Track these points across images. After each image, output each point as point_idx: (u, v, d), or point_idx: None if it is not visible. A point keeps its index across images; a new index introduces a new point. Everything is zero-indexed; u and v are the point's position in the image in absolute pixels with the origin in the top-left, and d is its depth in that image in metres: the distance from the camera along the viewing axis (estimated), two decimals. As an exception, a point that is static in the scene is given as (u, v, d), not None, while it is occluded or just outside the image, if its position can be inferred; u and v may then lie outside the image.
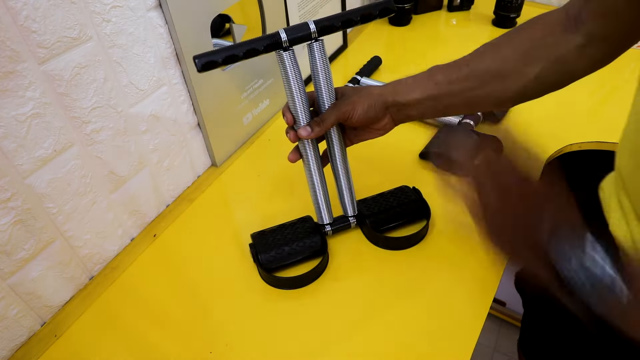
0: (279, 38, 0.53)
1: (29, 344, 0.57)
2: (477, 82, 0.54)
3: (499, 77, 0.53)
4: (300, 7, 0.88)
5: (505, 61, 0.53)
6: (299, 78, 0.55)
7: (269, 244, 0.62)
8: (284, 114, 0.57)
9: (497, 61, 0.53)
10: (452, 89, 0.55)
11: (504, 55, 0.53)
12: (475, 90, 0.54)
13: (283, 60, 0.54)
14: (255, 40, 0.53)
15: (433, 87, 0.55)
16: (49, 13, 0.48)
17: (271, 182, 0.77)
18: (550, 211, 0.38)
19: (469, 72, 0.54)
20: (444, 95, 0.55)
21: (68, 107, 0.53)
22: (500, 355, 1.39)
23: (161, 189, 0.72)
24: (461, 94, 0.55)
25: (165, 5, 0.61)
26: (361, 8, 0.56)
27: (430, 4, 1.24)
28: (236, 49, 0.52)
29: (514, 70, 0.53)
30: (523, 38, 0.53)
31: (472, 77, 0.54)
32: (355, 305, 0.58)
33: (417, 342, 0.54)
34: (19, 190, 0.51)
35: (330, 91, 0.57)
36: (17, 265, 0.53)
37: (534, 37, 0.53)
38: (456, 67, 0.55)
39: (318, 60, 0.55)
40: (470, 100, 0.55)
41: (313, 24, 0.54)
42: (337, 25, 0.55)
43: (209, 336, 0.56)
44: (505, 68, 0.53)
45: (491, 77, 0.54)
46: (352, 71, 0.99)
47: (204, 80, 0.71)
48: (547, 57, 0.52)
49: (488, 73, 0.54)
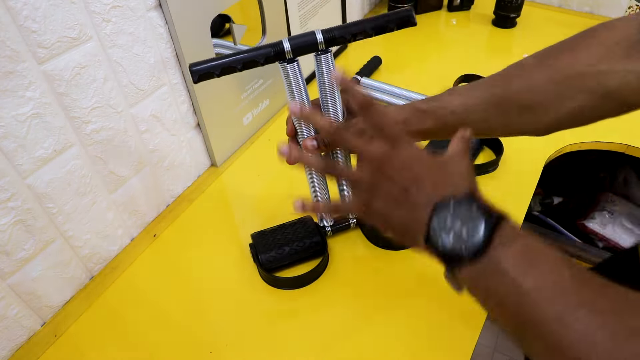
0: (282, 48, 0.49)
1: (29, 344, 0.57)
2: (496, 112, 0.46)
3: (525, 109, 0.45)
4: (300, 7, 0.88)
5: (534, 91, 0.44)
6: (304, 89, 0.52)
7: (269, 244, 0.62)
8: (287, 123, 0.55)
9: (525, 91, 0.44)
10: (469, 118, 0.47)
11: (535, 84, 0.44)
12: (494, 120, 0.47)
13: (287, 72, 0.50)
14: (255, 49, 0.49)
15: (449, 116, 0.48)
16: (49, 13, 0.48)
17: (271, 182, 0.77)
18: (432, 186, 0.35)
19: (490, 102, 0.46)
20: (459, 124, 0.45)
21: (68, 107, 0.53)
22: (500, 355, 1.39)
23: (161, 189, 0.72)
24: (478, 124, 0.47)
25: (165, 5, 0.61)
26: (375, 19, 0.50)
27: (430, 4, 1.24)
28: (234, 60, 0.49)
29: (544, 103, 0.44)
30: (564, 62, 0.43)
31: (492, 107, 0.46)
32: (356, 305, 0.58)
33: (417, 341, 0.54)
34: (19, 190, 0.51)
35: (338, 107, 0.53)
36: (17, 265, 0.53)
37: (579, 61, 0.42)
38: (477, 92, 0.48)
39: (325, 74, 0.51)
40: (490, 129, 0.49)
41: (320, 33, 0.49)
42: (348, 38, 0.50)
43: (209, 336, 0.56)
44: (533, 99, 0.44)
45: (516, 109, 0.45)
46: (352, 71, 0.99)
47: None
48: (594, 90, 0.41)
49: (512, 104, 0.45)
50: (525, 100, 0.45)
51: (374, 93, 0.91)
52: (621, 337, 0.27)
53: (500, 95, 0.46)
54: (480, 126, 0.47)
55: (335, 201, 0.49)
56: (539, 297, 0.29)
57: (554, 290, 0.29)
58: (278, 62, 0.50)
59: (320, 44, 0.50)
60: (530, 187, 0.69)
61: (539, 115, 0.45)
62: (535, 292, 0.29)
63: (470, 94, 0.48)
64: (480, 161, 0.78)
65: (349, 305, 0.58)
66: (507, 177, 0.74)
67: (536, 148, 0.77)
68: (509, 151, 0.76)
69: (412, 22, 0.51)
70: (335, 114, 0.54)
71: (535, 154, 0.74)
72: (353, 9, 1.15)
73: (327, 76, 0.51)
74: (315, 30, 0.49)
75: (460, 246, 0.32)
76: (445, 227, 0.33)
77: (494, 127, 0.48)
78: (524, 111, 0.45)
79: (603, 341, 0.27)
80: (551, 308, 0.28)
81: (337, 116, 0.54)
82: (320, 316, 0.58)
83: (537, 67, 0.45)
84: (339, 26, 0.50)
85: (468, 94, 0.48)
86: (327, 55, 0.50)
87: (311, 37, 0.49)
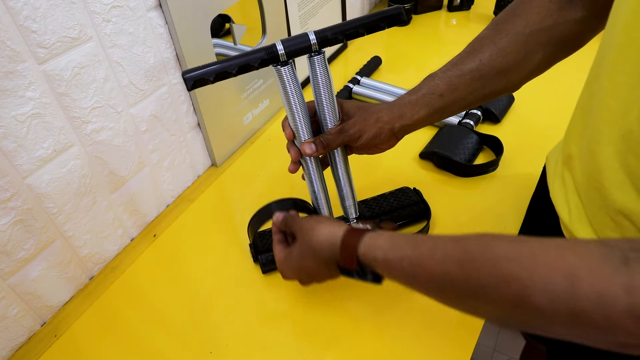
0: (275, 51, 0.49)
1: (29, 344, 0.57)
2: (480, 83, 0.53)
3: (502, 72, 0.52)
4: (300, 7, 0.88)
5: (505, 55, 0.51)
6: (299, 92, 0.52)
7: (269, 244, 0.62)
8: (284, 128, 0.55)
9: (498, 57, 0.52)
10: (457, 96, 0.53)
11: (503, 49, 0.51)
12: (479, 91, 0.53)
13: (281, 75, 0.50)
14: (249, 53, 0.49)
15: (438, 100, 0.53)
16: (49, 13, 0.48)
17: (271, 182, 0.77)
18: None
19: (471, 76, 0.52)
20: (449, 104, 0.53)
21: (68, 107, 0.53)
22: (500, 355, 1.39)
23: (161, 189, 0.72)
24: (466, 98, 0.54)
25: (165, 6, 0.61)
26: (366, 18, 0.51)
27: (430, 4, 1.24)
28: (228, 65, 0.49)
29: (516, 62, 0.51)
30: (518, 26, 0.51)
31: (474, 80, 0.53)
32: (356, 305, 0.58)
33: (417, 341, 0.54)
34: (19, 190, 0.51)
35: (333, 107, 0.54)
36: (17, 265, 0.53)
37: (529, 22, 0.50)
38: (456, 71, 0.54)
39: (319, 75, 0.51)
40: (476, 100, 0.55)
41: (313, 34, 0.49)
42: (340, 38, 0.50)
43: (209, 336, 0.56)
44: (507, 62, 0.51)
45: (495, 75, 0.52)
46: (352, 71, 0.99)
47: (204, 80, 0.70)
48: (548, 41, 0.50)
49: (491, 71, 0.52)
50: (499, 64, 0.52)
51: (374, 93, 0.91)
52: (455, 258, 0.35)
53: (478, 67, 0.52)
54: (466, 100, 0.54)
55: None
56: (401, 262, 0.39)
57: (400, 251, 0.39)
58: (272, 65, 0.50)
59: (313, 45, 0.50)
60: (530, 187, 0.69)
61: (512, 74, 0.52)
62: (400, 260, 0.40)
63: (450, 74, 0.53)
64: (480, 161, 0.78)
65: (349, 305, 0.58)
66: (507, 177, 0.74)
67: (536, 148, 0.77)
68: (509, 151, 0.76)
69: (402, 20, 0.52)
70: (330, 116, 0.54)
71: (535, 154, 0.74)
72: (353, 9, 1.15)
73: (321, 77, 0.52)
74: (308, 32, 0.50)
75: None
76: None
77: (478, 97, 0.54)
78: (500, 75, 0.52)
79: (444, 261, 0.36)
80: (406, 262, 0.39)
81: (332, 118, 0.54)
82: (320, 316, 0.58)
83: (498, 35, 0.52)
84: (331, 26, 0.50)
85: (448, 76, 0.53)
86: (320, 56, 0.51)
87: (304, 38, 0.49)
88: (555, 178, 0.56)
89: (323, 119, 0.55)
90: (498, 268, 0.32)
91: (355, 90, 0.92)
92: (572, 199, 0.51)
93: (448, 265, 0.35)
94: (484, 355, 1.40)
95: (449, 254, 0.36)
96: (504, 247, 0.33)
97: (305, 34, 0.49)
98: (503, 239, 0.34)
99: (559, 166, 0.55)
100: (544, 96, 0.88)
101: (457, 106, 0.55)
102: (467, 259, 0.34)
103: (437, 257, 0.36)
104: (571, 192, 0.51)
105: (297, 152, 0.56)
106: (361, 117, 0.55)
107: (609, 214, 0.43)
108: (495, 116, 0.83)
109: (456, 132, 0.78)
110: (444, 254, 0.36)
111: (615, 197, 0.42)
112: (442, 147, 0.75)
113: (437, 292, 0.38)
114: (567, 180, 0.52)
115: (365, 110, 0.55)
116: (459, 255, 0.35)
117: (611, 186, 0.42)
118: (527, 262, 0.31)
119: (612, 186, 0.42)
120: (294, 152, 0.56)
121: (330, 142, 0.54)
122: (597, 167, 0.43)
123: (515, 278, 0.31)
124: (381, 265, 0.41)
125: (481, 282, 0.33)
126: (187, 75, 0.49)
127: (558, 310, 0.29)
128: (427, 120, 0.55)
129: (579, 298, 0.28)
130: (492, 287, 0.32)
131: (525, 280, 0.30)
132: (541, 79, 0.56)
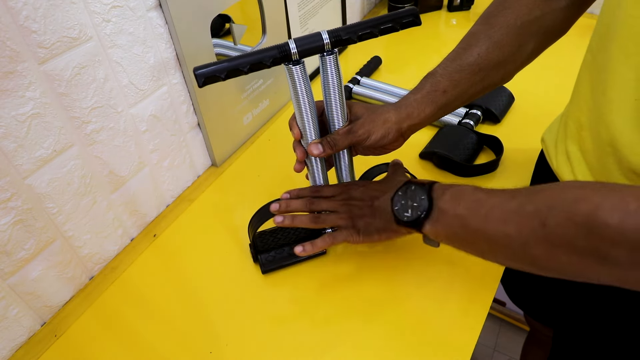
0: (288, 50, 0.48)
1: (29, 344, 0.57)
2: (479, 76, 0.54)
3: (500, 64, 0.54)
4: (300, 7, 0.88)
5: (501, 47, 0.53)
6: (309, 92, 0.51)
7: (269, 244, 0.62)
8: (291, 127, 0.56)
9: (494, 50, 0.54)
10: (459, 91, 0.55)
11: (498, 42, 0.53)
12: (479, 84, 0.55)
13: (292, 74, 0.50)
14: (261, 51, 0.49)
15: (442, 97, 0.55)
16: (49, 13, 0.48)
17: (271, 182, 0.77)
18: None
19: (471, 70, 0.54)
20: (452, 99, 0.55)
21: (68, 107, 0.53)
22: (500, 355, 1.39)
23: (161, 189, 0.72)
24: (467, 92, 0.55)
25: (165, 5, 0.61)
26: (382, 19, 0.51)
27: (430, 4, 1.24)
28: (241, 62, 0.48)
29: (511, 53, 0.54)
30: (510, 19, 0.53)
31: (474, 74, 0.54)
32: (356, 304, 0.58)
33: (417, 341, 0.54)
34: (19, 190, 0.51)
35: (343, 108, 0.53)
36: (17, 265, 0.53)
37: (520, 14, 0.53)
38: (456, 67, 0.55)
39: (331, 75, 0.51)
40: (476, 92, 0.56)
41: (327, 34, 0.49)
42: (354, 38, 0.50)
43: (209, 336, 0.56)
44: (503, 54, 0.54)
45: (492, 67, 0.54)
46: (352, 71, 0.99)
47: (204, 80, 0.70)
48: (538, 31, 0.53)
49: (489, 64, 0.54)
50: (497, 57, 0.54)
51: (374, 93, 0.91)
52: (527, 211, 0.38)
53: (477, 61, 0.54)
54: (468, 93, 0.56)
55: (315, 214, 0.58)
56: (470, 215, 0.43)
57: (477, 208, 0.42)
58: (284, 64, 0.50)
59: (326, 45, 0.49)
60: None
61: (508, 65, 0.55)
62: (466, 213, 0.43)
63: (450, 70, 0.55)
64: (480, 161, 0.78)
65: (349, 305, 0.58)
66: (507, 177, 0.74)
67: (536, 148, 0.77)
68: (509, 151, 0.76)
69: (417, 22, 0.54)
70: (339, 116, 0.54)
71: (536, 154, 0.74)
72: (353, 9, 1.15)
73: (332, 78, 0.51)
74: (321, 31, 0.49)
75: (417, 213, 0.47)
76: (404, 207, 0.49)
77: (478, 90, 0.56)
78: (497, 67, 0.54)
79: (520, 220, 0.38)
80: (478, 218, 0.42)
81: (341, 119, 0.54)
82: (320, 316, 0.58)
83: (491, 29, 0.54)
84: (344, 27, 0.50)
85: (448, 72, 0.55)
86: (333, 55, 0.50)
87: (317, 38, 0.49)
88: (557, 155, 0.58)
89: (331, 119, 0.55)
90: (568, 194, 0.36)
91: (355, 90, 0.92)
92: (578, 170, 0.53)
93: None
94: (484, 355, 1.40)
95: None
96: (570, 184, 0.38)
97: (318, 33, 0.49)
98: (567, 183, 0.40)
99: (560, 143, 0.58)
100: (544, 96, 0.88)
101: (459, 100, 0.56)
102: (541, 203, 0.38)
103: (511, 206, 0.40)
104: (577, 163, 0.53)
105: (303, 152, 0.56)
106: (369, 118, 0.55)
107: (624, 174, 0.46)
108: (495, 116, 0.83)
109: (456, 132, 0.78)
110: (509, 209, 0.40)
111: (630, 158, 0.44)
112: (442, 147, 0.75)
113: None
114: (572, 154, 0.54)
115: (372, 112, 0.56)
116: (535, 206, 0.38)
117: (625, 149, 0.44)
118: (596, 186, 0.35)
119: (626, 148, 0.44)
120: (300, 151, 0.56)
121: (338, 143, 0.54)
122: (611, 133, 0.45)
123: (585, 199, 0.34)
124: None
125: (551, 202, 0.36)
126: (198, 72, 0.48)
127: (626, 229, 0.31)
128: (433, 117, 0.56)
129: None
130: (561, 208, 0.35)
131: (595, 200, 0.33)
132: (541, 79, 0.56)
